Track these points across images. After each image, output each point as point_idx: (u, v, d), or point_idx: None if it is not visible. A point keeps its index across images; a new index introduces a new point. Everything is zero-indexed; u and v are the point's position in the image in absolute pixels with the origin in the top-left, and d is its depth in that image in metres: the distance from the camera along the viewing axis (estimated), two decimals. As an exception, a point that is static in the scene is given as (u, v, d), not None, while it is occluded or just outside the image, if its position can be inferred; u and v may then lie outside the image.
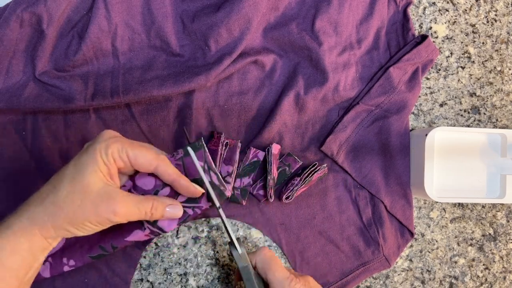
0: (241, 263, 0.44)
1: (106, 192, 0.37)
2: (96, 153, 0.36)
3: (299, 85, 0.53)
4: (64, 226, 0.36)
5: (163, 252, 0.54)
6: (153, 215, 0.39)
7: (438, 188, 0.57)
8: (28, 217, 0.36)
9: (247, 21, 0.51)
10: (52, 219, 0.36)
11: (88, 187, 0.36)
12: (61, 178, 0.37)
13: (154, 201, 0.39)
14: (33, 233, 0.36)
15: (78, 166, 0.37)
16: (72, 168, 0.37)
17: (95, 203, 0.36)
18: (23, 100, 0.48)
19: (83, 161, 0.37)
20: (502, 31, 0.62)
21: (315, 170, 0.53)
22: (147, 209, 0.39)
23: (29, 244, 0.36)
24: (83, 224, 0.37)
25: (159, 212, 0.40)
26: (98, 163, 0.36)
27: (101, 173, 0.37)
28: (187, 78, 0.50)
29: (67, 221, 0.36)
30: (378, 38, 0.57)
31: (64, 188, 0.36)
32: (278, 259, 0.45)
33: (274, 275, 0.43)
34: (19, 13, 0.47)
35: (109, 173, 0.37)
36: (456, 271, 0.60)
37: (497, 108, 0.61)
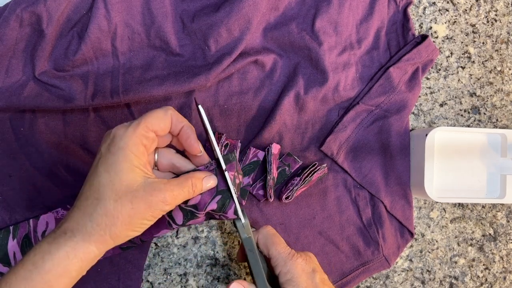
0: (244, 234, 0.43)
1: (149, 185, 0.36)
2: (125, 151, 0.35)
3: (299, 85, 0.53)
4: (123, 233, 0.36)
5: (163, 252, 0.54)
6: (195, 191, 0.39)
7: (438, 188, 0.57)
8: (83, 236, 0.34)
9: (247, 21, 0.51)
10: (110, 231, 0.35)
11: (133, 187, 0.35)
12: (99, 188, 0.35)
13: (192, 179, 0.39)
14: (89, 251, 0.35)
15: (112, 171, 0.35)
16: (106, 175, 0.35)
17: (145, 199, 0.35)
18: (23, 99, 0.48)
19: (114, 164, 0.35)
20: (502, 31, 0.61)
21: (315, 170, 0.53)
22: (189, 187, 0.38)
23: (80, 264, 0.35)
24: (141, 223, 0.36)
25: (199, 186, 0.39)
26: (131, 160, 0.35)
27: (137, 168, 0.36)
28: (187, 78, 0.50)
29: (125, 227, 0.35)
30: (378, 38, 0.57)
31: (109, 197, 0.35)
32: (280, 237, 0.44)
33: (276, 249, 0.43)
34: (19, 13, 0.47)
35: (143, 164, 0.37)
36: (456, 271, 0.60)
37: (497, 108, 0.61)
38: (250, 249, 0.43)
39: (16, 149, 0.50)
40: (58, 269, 0.34)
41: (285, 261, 0.42)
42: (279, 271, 0.42)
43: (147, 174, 0.37)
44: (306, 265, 0.42)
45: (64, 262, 0.34)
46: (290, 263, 0.42)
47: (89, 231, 0.35)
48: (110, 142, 0.36)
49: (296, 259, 0.42)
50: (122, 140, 0.36)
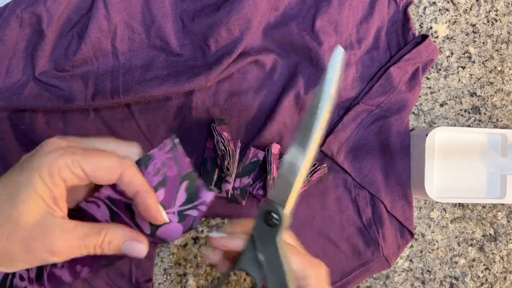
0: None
1: (42, 225, 0.28)
2: (35, 174, 0.28)
3: (299, 85, 0.53)
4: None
5: (163, 252, 0.54)
6: (104, 249, 0.31)
7: (438, 188, 0.57)
8: None
9: (247, 21, 0.51)
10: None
11: (19, 220, 0.28)
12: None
13: (108, 234, 0.31)
14: None
15: (9, 190, 0.29)
16: (2, 191, 0.29)
17: (26, 241, 0.28)
18: (23, 99, 0.48)
19: (16, 183, 0.29)
20: (503, 31, 0.61)
21: (315, 170, 0.53)
22: (96, 243, 0.30)
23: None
24: (11, 264, 0.29)
25: (114, 246, 0.31)
26: (35, 187, 0.28)
27: (39, 198, 0.28)
28: (187, 78, 0.50)
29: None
30: (378, 38, 0.57)
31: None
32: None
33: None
34: (19, 13, 0.47)
35: (52, 197, 0.29)
36: (457, 272, 0.60)
37: (498, 108, 0.61)
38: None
39: (18, 148, 0.50)
40: None
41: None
42: None
43: (50, 208, 0.29)
44: None
45: None
46: None
47: None
48: (31, 155, 0.30)
49: None
50: (39, 159, 0.29)
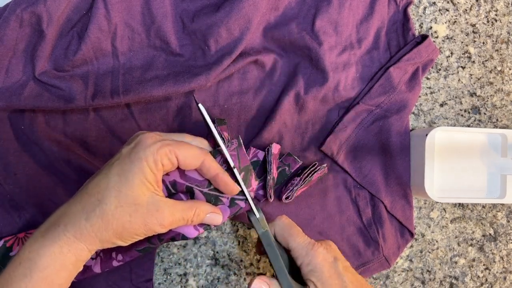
0: (261, 228, 0.42)
1: (154, 203, 0.36)
2: (143, 162, 0.35)
3: (299, 85, 0.53)
4: (112, 240, 0.35)
5: (163, 252, 0.54)
6: (194, 221, 0.39)
7: (438, 188, 0.57)
8: (75, 232, 0.34)
9: (247, 21, 0.51)
10: (100, 234, 0.35)
11: (137, 200, 0.35)
12: (105, 189, 0.35)
13: (197, 209, 0.39)
14: (80, 247, 0.35)
15: (123, 177, 0.35)
16: (116, 178, 0.35)
17: (144, 217, 0.35)
18: (23, 100, 0.48)
19: (128, 171, 0.35)
20: (503, 31, 0.61)
21: (315, 170, 0.53)
22: (190, 216, 0.38)
23: (75, 258, 0.35)
24: (131, 237, 0.36)
25: (200, 218, 0.39)
26: (145, 173, 0.35)
27: (148, 183, 0.35)
28: (187, 78, 0.50)
29: (115, 236, 0.35)
30: (378, 38, 0.57)
31: (111, 202, 0.34)
32: (297, 227, 0.44)
33: (295, 241, 0.42)
34: (19, 13, 0.47)
35: (156, 181, 0.36)
36: (457, 271, 0.60)
37: (498, 108, 0.61)
38: (268, 243, 0.42)
39: (18, 147, 0.50)
40: (56, 264, 0.34)
41: (306, 252, 0.41)
42: (300, 262, 0.41)
43: (155, 191, 0.36)
44: (327, 254, 0.42)
45: (60, 257, 0.34)
46: (311, 253, 0.41)
47: (82, 229, 0.35)
48: (133, 147, 0.36)
49: (317, 249, 0.41)
50: (144, 150, 0.35)
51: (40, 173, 0.51)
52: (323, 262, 0.41)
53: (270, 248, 0.42)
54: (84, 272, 0.44)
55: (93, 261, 0.44)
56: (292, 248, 0.42)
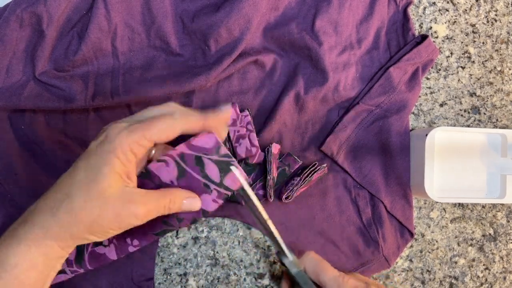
0: (295, 269, 0.45)
1: (125, 195, 0.34)
2: (110, 154, 0.33)
3: (299, 85, 0.53)
4: (83, 236, 0.34)
5: (163, 252, 0.54)
6: (171, 209, 0.37)
7: (438, 188, 0.57)
8: (41, 228, 0.33)
9: (247, 21, 0.51)
10: (70, 230, 0.33)
11: (106, 193, 0.33)
12: (73, 185, 0.34)
13: (171, 197, 0.37)
14: (49, 245, 0.33)
15: (90, 171, 0.33)
16: (83, 173, 0.34)
17: (115, 209, 0.33)
18: (23, 100, 0.48)
19: (95, 165, 0.33)
20: (502, 31, 0.61)
21: (315, 170, 0.53)
22: (166, 203, 0.36)
23: (44, 257, 0.34)
24: (103, 231, 0.34)
25: (177, 205, 0.37)
26: (114, 166, 0.33)
27: (117, 175, 0.34)
28: (187, 78, 0.50)
29: (86, 230, 0.34)
30: (378, 38, 0.57)
31: (79, 197, 0.33)
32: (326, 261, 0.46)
33: (326, 275, 0.44)
34: (19, 13, 0.47)
35: (126, 172, 0.34)
36: (456, 271, 0.60)
37: (497, 108, 0.61)
38: (305, 282, 0.45)
39: (18, 147, 0.50)
40: (24, 263, 0.33)
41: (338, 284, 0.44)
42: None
43: (126, 182, 0.35)
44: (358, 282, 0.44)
45: (28, 255, 0.33)
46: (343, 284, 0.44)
47: (48, 226, 0.33)
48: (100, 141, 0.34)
49: (348, 280, 0.44)
50: (111, 143, 0.33)
51: (41, 173, 0.51)
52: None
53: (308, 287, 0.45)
54: (99, 259, 0.43)
55: (107, 248, 0.43)
56: (324, 282, 0.44)
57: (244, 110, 0.53)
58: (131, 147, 0.33)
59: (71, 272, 0.42)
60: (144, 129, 0.34)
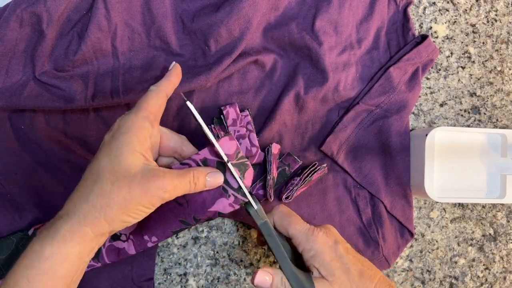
0: (260, 220, 0.42)
1: (149, 170, 0.35)
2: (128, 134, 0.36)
3: (299, 85, 0.53)
4: (118, 217, 0.35)
5: (163, 252, 0.54)
6: (196, 185, 0.38)
7: (438, 188, 0.57)
8: (77, 218, 0.34)
9: (247, 21, 0.51)
10: (104, 213, 0.34)
11: (131, 171, 0.35)
12: (99, 170, 0.35)
13: (194, 171, 0.38)
14: (84, 233, 0.34)
15: (113, 155, 0.35)
16: (106, 158, 0.35)
17: (143, 185, 0.35)
18: (23, 100, 0.48)
19: (116, 148, 0.35)
20: (502, 31, 0.61)
21: (315, 170, 0.53)
22: (190, 179, 0.38)
23: (79, 248, 0.34)
24: (137, 209, 0.35)
25: (202, 181, 0.39)
26: (132, 144, 0.35)
27: (137, 153, 0.36)
28: (187, 78, 0.50)
29: (120, 211, 0.35)
30: (378, 38, 0.57)
31: (107, 179, 0.35)
32: (296, 214, 0.44)
33: (294, 228, 0.42)
34: (19, 13, 0.47)
35: (145, 149, 0.37)
36: (456, 271, 0.60)
37: (497, 108, 0.61)
38: (268, 233, 0.42)
39: (18, 147, 0.50)
40: (58, 254, 0.34)
41: (307, 238, 0.42)
42: (301, 249, 0.42)
43: (147, 160, 0.37)
44: (327, 238, 0.42)
45: (63, 246, 0.34)
46: (312, 238, 0.42)
47: (84, 213, 0.34)
48: (115, 130, 0.37)
49: (317, 234, 0.42)
50: (125, 125, 0.36)
51: (41, 173, 0.51)
52: (323, 246, 0.41)
53: (271, 238, 0.42)
54: (118, 254, 0.44)
55: (125, 243, 0.44)
56: (292, 235, 0.42)
57: (244, 110, 0.53)
58: (143, 123, 0.37)
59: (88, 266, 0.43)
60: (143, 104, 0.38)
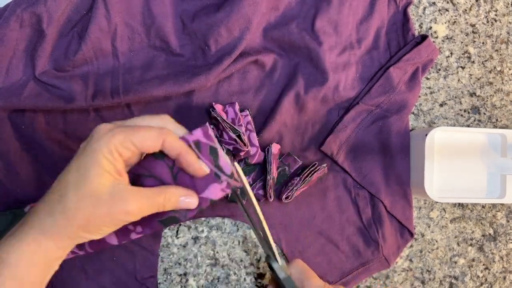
0: (283, 274, 0.45)
1: (117, 192, 0.35)
2: (97, 153, 0.34)
3: (299, 85, 0.53)
4: (79, 234, 0.35)
5: (163, 252, 0.54)
6: (166, 206, 0.38)
7: (438, 188, 0.57)
8: (40, 229, 0.34)
9: (247, 21, 0.51)
10: (65, 230, 0.34)
11: (98, 192, 0.34)
12: (66, 185, 0.35)
13: (166, 193, 0.37)
14: (48, 246, 0.35)
15: (81, 171, 0.34)
16: (75, 173, 0.35)
17: (108, 207, 0.34)
18: (23, 100, 0.48)
19: (84, 165, 0.34)
20: (502, 31, 0.61)
21: (315, 170, 0.53)
22: (160, 202, 0.37)
23: (44, 255, 0.35)
24: (99, 229, 0.35)
25: (173, 202, 0.38)
26: (101, 164, 0.34)
27: (107, 173, 0.35)
28: (187, 78, 0.50)
29: (81, 229, 0.35)
30: (378, 38, 0.57)
31: (71, 197, 0.34)
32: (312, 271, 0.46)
33: (311, 283, 0.44)
34: (19, 13, 0.47)
35: (116, 170, 0.35)
36: (456, 271, 0.60)
37: (497, 108, 0.61)
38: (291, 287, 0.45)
39: (19, 147, 0.50)
40: (24, 261, 0.34)
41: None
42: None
43: (117, 180, 0.35)
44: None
45: (28, 254, 0.34)
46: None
47: (47, 227, 0.34)
48: (88, 140, 0.36)
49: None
50: (97, 142, 0.35)
51: (41, 172, 0.51)
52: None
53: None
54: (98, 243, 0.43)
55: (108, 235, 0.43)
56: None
57: (244, 110, 0.53)
58: (116, 147, 0.35)
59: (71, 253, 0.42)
60: (128, 134, 0.35)
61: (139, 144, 0.35)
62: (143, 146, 0.36)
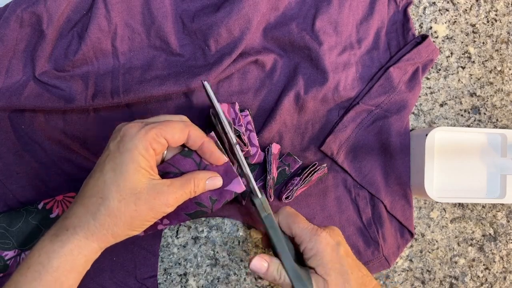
0: (264, 212, 0.43)
1: (153, 188, 0.36)
2: (133, 152, 0.35)
3: (299, 85, 0.53)
4: (125, 233, 0.37)
5: (163, 252, 0.54)
6: (197, 192, 0.40)
7: (438, 188, 0.57)
8: (85, 234, 0.35)
9: (247, 21, 0.51)
10: (112, 230, 0.36)
11: (137, 189, 0.36)
12: (104, 187, 0.36)
13: (194, 179, 0.39)
14: (91, 248, 0.36)
15: (118, 171, 0.36)
16: (111, 174, 0.36)
17: (148, 202, 0.36)
18: (23, 100, 0.48)
19: (121, 164, 0.36)
20: (502, 31, 0.61)
21: (314, 170, 0.53)
22: (191, 188, 0.39)
23: (85, 259, 0.36)
24: (142, 224, 0.37)
25: (201, 187, 0.40)
26: (138, 162, 0.36)
27: (143, 170, 0.36)
28: (187, 78, 0.50)
29: (126, 227, 0.36)
30: (378, 38, 0.57)
31: (113, 198, 0.35)
32: (301, 215, 0.44)
33: (298, 227, 0.43)
34: (19, 13, 0.48)
35: (150, 166, 0.37)
36: (456, 271, 0.60)
37: (497, 108, 0.61)
38: (271, 226, 0.43)
39: (19, 147, 0.50)
40: (66, 266, 0.35)
41: (310, 237, 0.42)
42: (303, 247, 0.42)
43: (152, 175, 0.37)
44: (330, 238, 0.42)
45: (70, 258, 0.35)
46: (315, 238, 0.42)
47: (92, 230, 0.35)
48: (119, 140, 0.36)
49: (320, 234, 0.42)
50: (131, 141, 0.36)
51: (41, 172, 0.51)
52: (325, 246, 0.41)
53: (273, 231, 0.43)
54: None
55: None
56: (296, 234, 0.43)
57: (244, 110, 0.53)
58: (151, 143, 0.36)
59: None
60: (159, 129, 0.37)
61: (171, 138, 0.37)
62: (173, 138, 0.37)
